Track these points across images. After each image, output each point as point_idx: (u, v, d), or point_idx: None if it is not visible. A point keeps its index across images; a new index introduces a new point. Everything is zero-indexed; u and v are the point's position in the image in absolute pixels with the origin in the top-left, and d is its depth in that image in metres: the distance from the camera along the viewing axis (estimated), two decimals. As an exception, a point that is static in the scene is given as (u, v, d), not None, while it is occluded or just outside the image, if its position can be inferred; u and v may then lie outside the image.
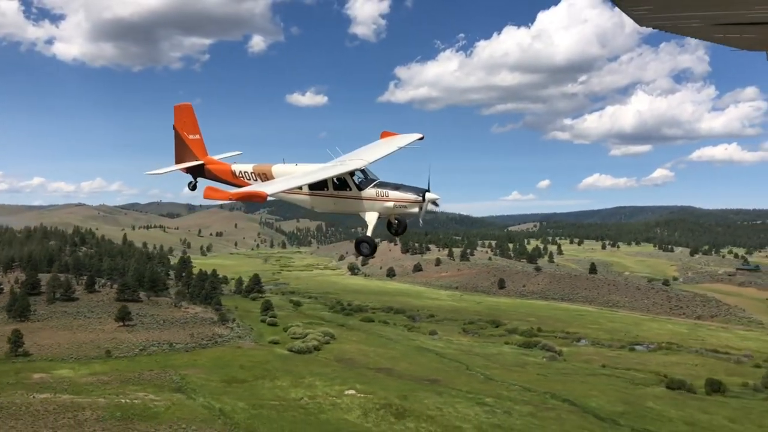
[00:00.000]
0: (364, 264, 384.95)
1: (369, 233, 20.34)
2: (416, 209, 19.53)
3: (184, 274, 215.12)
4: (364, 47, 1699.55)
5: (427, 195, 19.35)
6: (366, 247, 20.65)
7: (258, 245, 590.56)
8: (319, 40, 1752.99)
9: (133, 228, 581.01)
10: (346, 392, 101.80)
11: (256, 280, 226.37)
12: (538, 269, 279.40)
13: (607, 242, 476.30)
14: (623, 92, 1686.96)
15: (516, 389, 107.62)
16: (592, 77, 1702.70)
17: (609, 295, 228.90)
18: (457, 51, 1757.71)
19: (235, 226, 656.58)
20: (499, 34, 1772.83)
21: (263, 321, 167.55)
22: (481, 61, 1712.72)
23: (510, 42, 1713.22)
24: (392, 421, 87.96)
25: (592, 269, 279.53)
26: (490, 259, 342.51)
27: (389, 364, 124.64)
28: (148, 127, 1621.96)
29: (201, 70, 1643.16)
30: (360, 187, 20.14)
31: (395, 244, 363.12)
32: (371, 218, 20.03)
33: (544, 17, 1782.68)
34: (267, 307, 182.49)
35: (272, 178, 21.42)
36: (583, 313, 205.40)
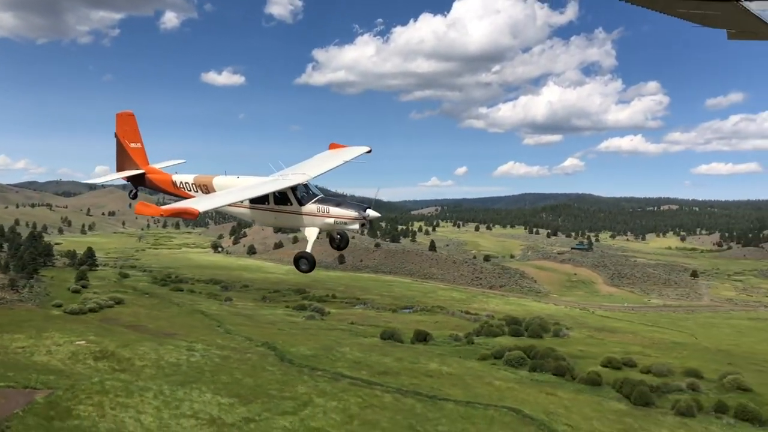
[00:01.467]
0: (236, 243, 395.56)
1: (309, 249, 20.27)
2: (356, 225, 19.76)
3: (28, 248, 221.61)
4: (281, 28, 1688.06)
5: (369, 212, 19.64)
6: (305, 263, 20.45)
7: (149, 225, 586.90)
8: (233, 19, 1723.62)
9: (17, 206, 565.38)
10: (76, 342, 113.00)
11: (89, 254, 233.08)
12: (377, 245, 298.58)
13: (483, 225, 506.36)
14: (535, 83, 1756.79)
15: (239, 340, 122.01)
16: (505, 67, 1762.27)
17: (429, 269, 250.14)
18: (375, 36, 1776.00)
19: (129, 206, 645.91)
20: (415, 21, 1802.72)
21: (69, 289, 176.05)
22: (397, 47, 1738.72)
23: (426, 29, 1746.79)
24: (87, 362, 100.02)
25: (432, 246, 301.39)
26: (353, 237, 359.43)
27: (147, 322, 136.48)
28: (57, 102, 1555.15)
29: (111, 45, 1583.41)
30: (301, 202, 20.05)
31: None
32: (311, 234, 19.98)
33: (459, 6, 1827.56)
34: (81, 277, 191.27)
35: (213, 190, 21.42)
36: (393, 283, 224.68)
